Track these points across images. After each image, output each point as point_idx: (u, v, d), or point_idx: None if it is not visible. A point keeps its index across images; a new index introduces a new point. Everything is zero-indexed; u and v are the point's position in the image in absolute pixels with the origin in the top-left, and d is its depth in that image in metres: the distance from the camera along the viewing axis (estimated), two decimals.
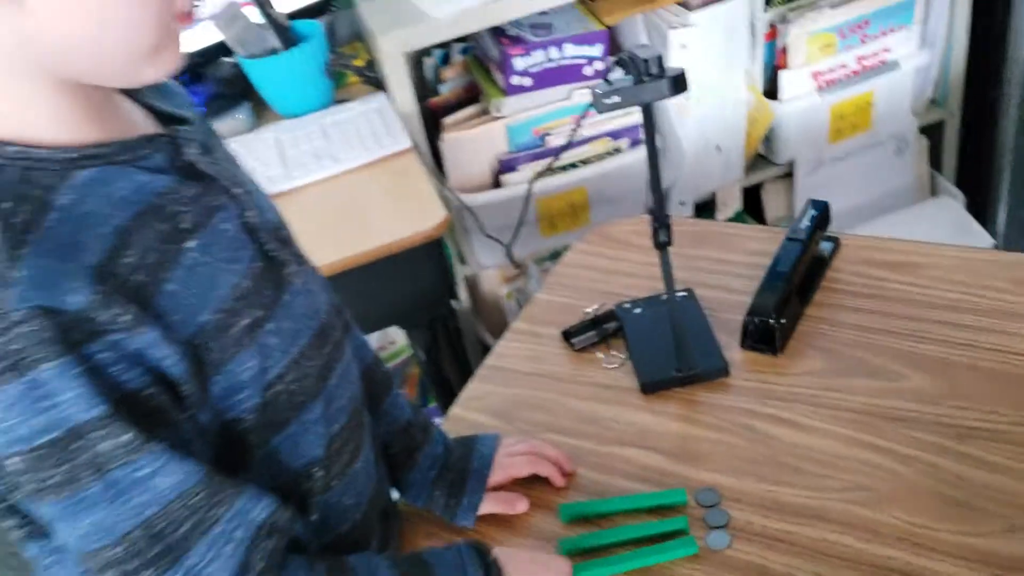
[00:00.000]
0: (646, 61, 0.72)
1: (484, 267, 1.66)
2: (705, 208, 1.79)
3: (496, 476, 0.88)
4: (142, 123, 0.63)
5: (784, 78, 1.65)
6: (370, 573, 0.67)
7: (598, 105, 0.75)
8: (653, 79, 0.72)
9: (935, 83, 1.77)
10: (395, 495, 0.89)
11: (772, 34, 1.65)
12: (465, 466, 0.88)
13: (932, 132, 1.82)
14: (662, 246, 0.90)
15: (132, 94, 0.65)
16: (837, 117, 1.70)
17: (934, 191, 1.87)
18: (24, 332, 0.51)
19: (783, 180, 1.79)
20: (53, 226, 0.53)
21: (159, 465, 0.56)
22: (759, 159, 1.77)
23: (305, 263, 0.71)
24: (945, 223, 1.77)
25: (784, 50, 1.63)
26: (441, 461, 0.88)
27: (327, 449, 0.68)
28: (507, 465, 0.89)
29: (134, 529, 0.56)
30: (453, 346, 1.58)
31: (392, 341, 1.60)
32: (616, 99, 0.73)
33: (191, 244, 0.59)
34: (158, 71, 0.59)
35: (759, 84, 1.67)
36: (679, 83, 0.74)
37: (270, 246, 0.65)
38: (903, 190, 1.83)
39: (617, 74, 0.76)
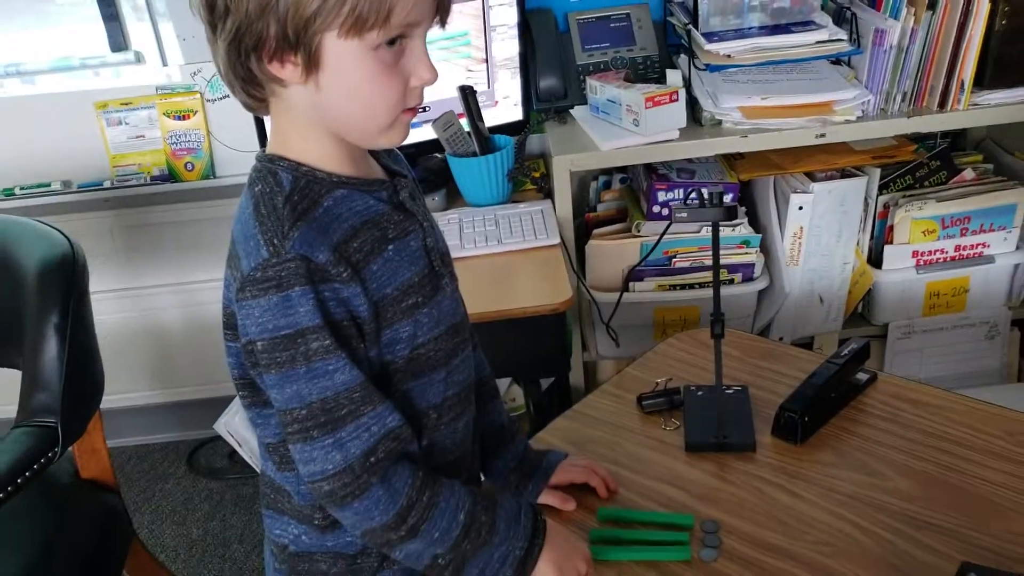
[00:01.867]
0: (711, 194, 1.05)
1: (602, 356, 1.98)
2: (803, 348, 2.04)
3: (557, 477, 1.18)
4: (378, 172, 0.99)
5: (888, 251, 1.91)
6: (451, 488, 0.96)
7: (673, 216, 1.08)
8: (713, 206, 1.05)
9: None
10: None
11: (884, 213, 1.92)
12: (536, 465, 1.19)
13: None
14: (716, 337, 1.20)
15: (375, 154, 1.02)
16: (932, 294, 1.93)
17: (1021, 378, 2.04)
18: (290, 267, 0.84)
19: (877, 340, 2.02)
20: (318, 216, 0.88)
21: (340, 366, 0.87)
22: (858, 316, 2.03)
23: (455, 280, 1.04)
24: None
25: (891, 228, 1.91)
26: (520, 457, 1.19)
27: (442, 402, 1.00)
28: (568, 471, 1.19)
29: (315, 401, 0.87)
30: (560, 410, 1.89)
31: (513, 398, 1.93)
32: (685, 215, 1.06)
33: (390, 247, 0.93)
34: (387, 141, 0.93)
35: (866, 251, 1.94)
36: (731, 212, 1.05)
37: (436, 263, 0.99)
38: (989, 372, 2.02)
39: (695, 201, 1.09)
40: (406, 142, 0.96)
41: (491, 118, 2.00)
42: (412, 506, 0.92)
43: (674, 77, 1.93)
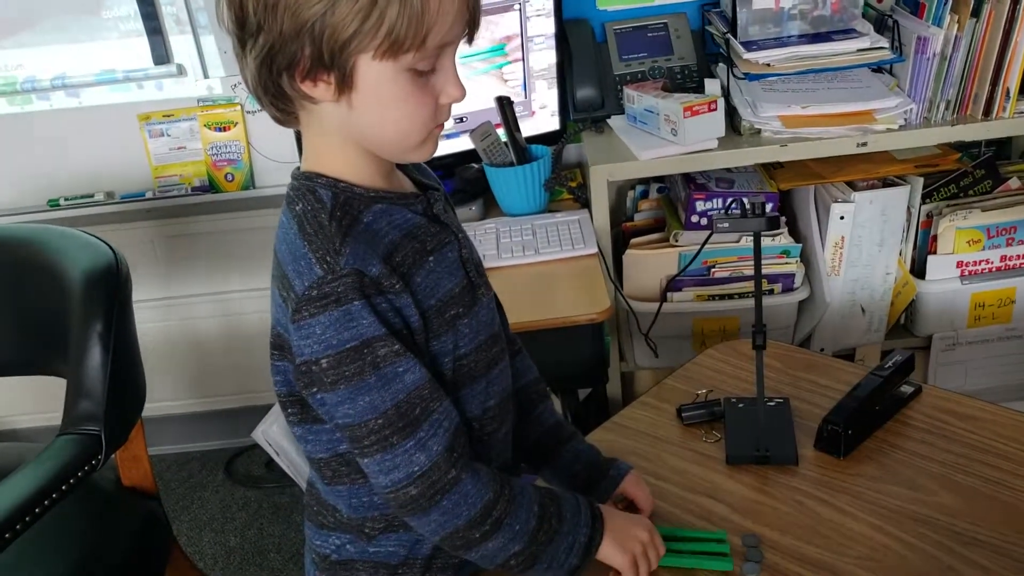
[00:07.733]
0: (753, 204, 1.04)
1: (640, 367, 1.97)
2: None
3: (628, 486, 1.13)
4: (408, 185, 0.99)
5: (931, 262, 1.88)
6: (521, 486, 0.96)
7: (714, 226, 1.07)
8: (756, 216, 1.04)
9: None
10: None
11: (928, 223, 1.90)
12: (606, 470, 1.14)
13: None
14: (758, 348, 1.19)
15: (405, 169, 1.01)
16: (977, 305, 1.90)
17: None
18: (347, 281, 0.85)
19: (921, 351, 1.99)
20: (360, 230, 0.88)
21: (409, 367, 0.87)
22: (900, 328, 2.00)
23: (491, 290, 1.04)
24: None
25: (935, 238, 1.88)
26: (586, 458, 1.15)
27: (483, 413, 1.00)
28: (641, 484, 1.15)
29: (390, 408, 0.87)
30: (598, 422, 1.88)
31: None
32: (726, 224, 1.05)
33: (431, 259, 0.93)
34: (418, 156, 0.93)
35: (908, 262, 1.91)
36: (773, 222, 1.04)
37: (472, 274, 0.99)
38: None
39: (736, 211, 1.08)
40: (443, 152, 0.97)
41: (528, 128, 2.00)
42: (498, 499, 0.93)
43: (712, 86, 1.92)
